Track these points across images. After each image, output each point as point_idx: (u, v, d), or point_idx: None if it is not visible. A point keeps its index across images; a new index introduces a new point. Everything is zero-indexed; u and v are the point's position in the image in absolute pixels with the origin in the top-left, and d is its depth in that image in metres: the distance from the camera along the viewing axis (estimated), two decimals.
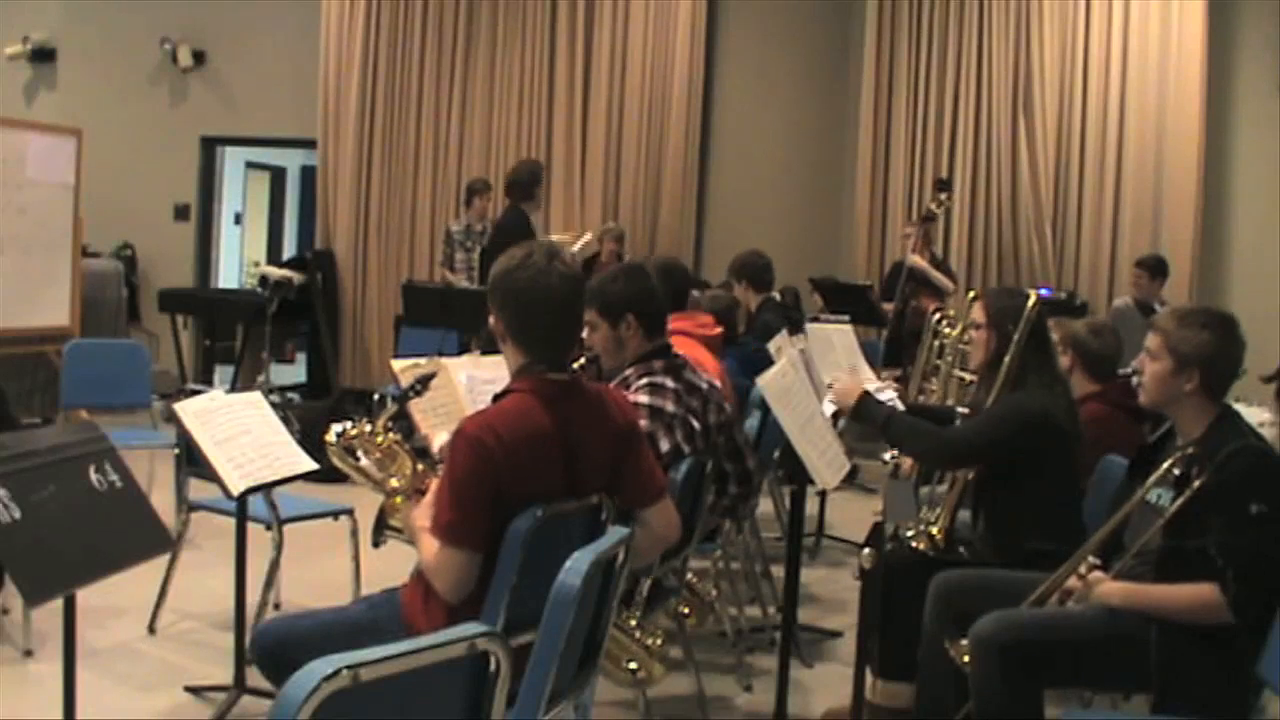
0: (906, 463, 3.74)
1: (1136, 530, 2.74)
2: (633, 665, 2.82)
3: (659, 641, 2.86)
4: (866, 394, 3.47)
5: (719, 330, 4.15)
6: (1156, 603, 2.58)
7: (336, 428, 2.82)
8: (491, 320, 2.53)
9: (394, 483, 2.78)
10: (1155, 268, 7.33)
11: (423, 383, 2.90)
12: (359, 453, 2.81)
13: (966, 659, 2.72)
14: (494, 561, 2.31)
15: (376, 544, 2.84)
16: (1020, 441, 3.23)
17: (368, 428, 2.80)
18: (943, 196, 7.33)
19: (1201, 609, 2.50)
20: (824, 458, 3.28)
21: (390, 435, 2.81)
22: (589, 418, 2.49)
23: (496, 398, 2.48)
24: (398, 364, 3.46)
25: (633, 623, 2.89)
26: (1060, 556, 2.87)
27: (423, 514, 2.48)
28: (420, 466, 2.81)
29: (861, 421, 3.50)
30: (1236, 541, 2.47)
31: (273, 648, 2.50)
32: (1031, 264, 8.33)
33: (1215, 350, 2.65)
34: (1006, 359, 3.30)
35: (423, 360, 3.31)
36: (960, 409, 3.79)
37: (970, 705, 2.77)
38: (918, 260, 7.20)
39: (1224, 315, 2.75)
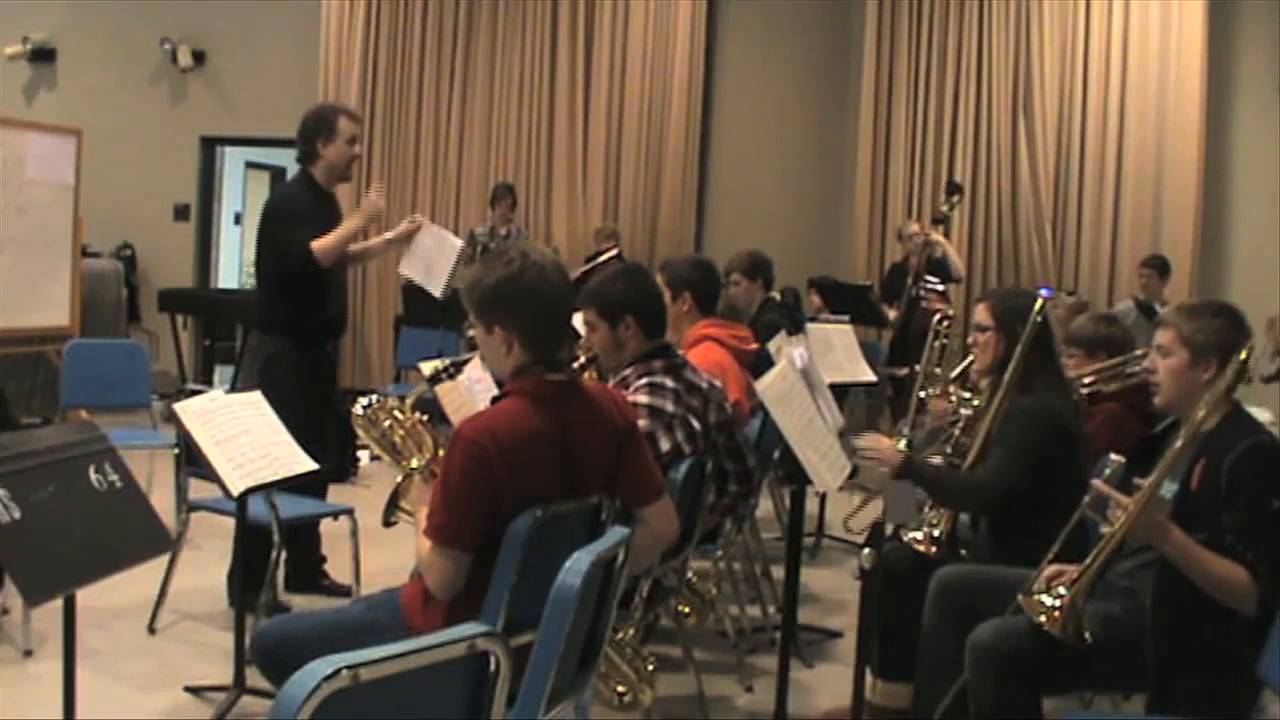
0: None
1: None
2: (621, 689, 2.82)
3: (651, 667, 2.86)
4: (909, 456, 3.35)
5: (754, 346, 4.16)
6: (1197, 562, 2.50)
7: (364, 400, 2.89)
8: (483, 328, 2.49)
9: (413, 461, 2.80)
10: (1161, 266, 7.42)
11: (456, 366, 2.93)
12: (384, 425, 2.86)
13: (1043, 606, 2.57)
14: (494, 562, 2.32)
15: (387, 523, 2.86)
16: (1044, 450, 3.19)
17: (394, 403, 2.83)
18: (954, 199, 7.35)
19: (1231, 588, 2.46)
20: (825, 460, 3.27)
21: (416, 415, 2.85)
22: (587, 418, 2.49)
23: (495, 399, 2.48)
24: (427, 367, 3.49)
25: (629, 633, 2.88)
26: (1061, 558, 2.87)
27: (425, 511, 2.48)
28: (442, 451, 2.82)
29: (909, 480, 3.41)
30: (1262, 537, 2.46)
31: (272, 648, 2.50)
32: (1031, 264, 8.34)
33: (1230, 336, 2.64)
34: (1012, 361, 3.28)
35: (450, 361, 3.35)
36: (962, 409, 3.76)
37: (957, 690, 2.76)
38: (936, 235, 7.23)
39: (1231, 305, 2.75)
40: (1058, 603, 2.53)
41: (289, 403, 3.78)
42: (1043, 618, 2.53)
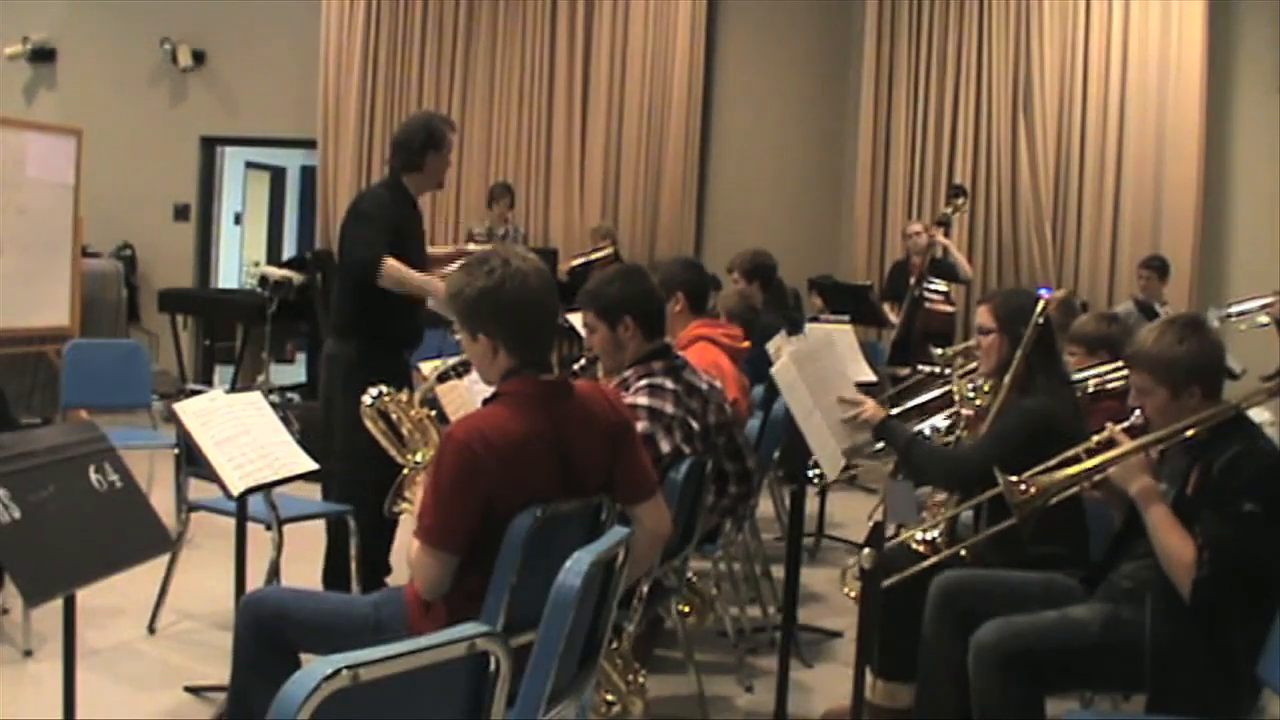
0: None
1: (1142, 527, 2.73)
2: (609, 698, 2.82)
3: (642, 680, 2.86)
4: (889, 416, 3.46)
5: (746, 344, 4.16)
6: (1160, 522, 2.55)
7: (373, 390, 2.90)
8: (468, 335, 2.49)
9: (417, 455, 2.80)
10: (1161, 268, 7.42)
11: (465, 365, 2.94)
12: (393, 418, 2.87)
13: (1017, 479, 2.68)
14: (493, 562, 2.32)
15: (390, 513, 2.87)
16: (1030, 450, 3.20)
17: (404, 397, 2.84)
18: (958, 201, 7.37)
19: (1177, 561, 2.50)
20: (825, 449, 3.30)
21: (424, 409, 2.85)
22: (581, 417, 2.49)
23: (487, 401, 2.49)
24: (426, 366, 3.50)
25: (622, 643, 2.88)
26: (1062, 559, 2.86)
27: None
28: None
29: (883, 441, 3.47)
30: (1223, 530, 2.48)
31: (270, 619, 2.50)
32: (1031, 264, 8.34)
33: (1201, 356, 2.63)
34: (1014, 361, 3.28)
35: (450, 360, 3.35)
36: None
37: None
38: (940, 236, 7.23)
39: (1189, 317, 2.75)
40: (1030, 485, 2.65)
41: None
42: (1016, 483, 2.65)
